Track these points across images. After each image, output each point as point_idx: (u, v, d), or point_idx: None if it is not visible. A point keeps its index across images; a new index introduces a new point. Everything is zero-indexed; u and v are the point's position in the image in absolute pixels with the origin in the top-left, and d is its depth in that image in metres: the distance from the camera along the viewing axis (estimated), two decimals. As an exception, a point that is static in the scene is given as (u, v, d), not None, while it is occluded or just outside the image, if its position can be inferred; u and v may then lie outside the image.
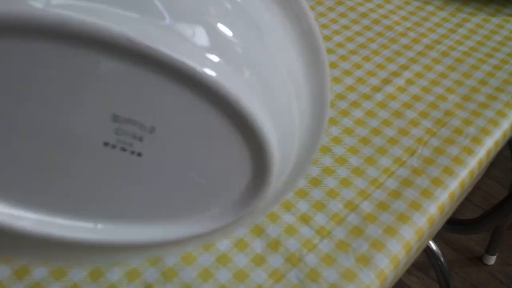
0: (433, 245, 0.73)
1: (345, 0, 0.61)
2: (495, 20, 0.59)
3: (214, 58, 0.19)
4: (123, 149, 0.20)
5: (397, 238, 0.36)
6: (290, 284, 0.33)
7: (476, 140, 0.44)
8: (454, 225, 0.71)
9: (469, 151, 0.43)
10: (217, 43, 0.19)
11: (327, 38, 0.55)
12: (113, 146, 0.20)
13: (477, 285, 1.08)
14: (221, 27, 0.20)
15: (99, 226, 0.23)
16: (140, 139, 0.20)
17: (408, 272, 1.11)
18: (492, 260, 1.13)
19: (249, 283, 0.33)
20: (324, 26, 0.57)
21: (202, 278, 0.33)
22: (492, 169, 1.30)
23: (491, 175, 1.28)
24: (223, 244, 0.35)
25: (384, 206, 0.38)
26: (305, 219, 0.37)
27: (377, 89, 0.49)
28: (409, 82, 0.50)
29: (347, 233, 0.36)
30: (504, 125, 0.46)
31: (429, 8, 0.61)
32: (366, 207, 0.38)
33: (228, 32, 0.20)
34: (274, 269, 0.34)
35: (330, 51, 0.53)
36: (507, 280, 1.10)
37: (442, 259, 0.74)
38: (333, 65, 0.51)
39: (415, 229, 0.37)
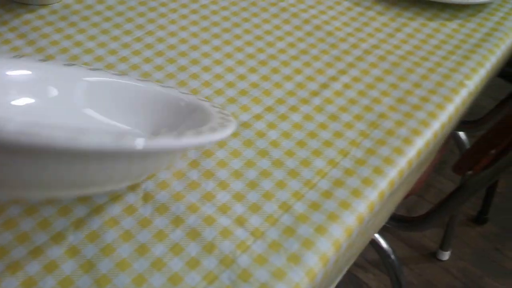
0: (383, 243, 0.75)
1: (289, 7, 0.63)
2: (433, 25, 0.62)
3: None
4: None
5: (327, 236, 0.37)
6: (222, 285, 0.34)
7: (407, 141, 0.46)
8: (402, 222, 0.73)
9: (400, 151, 0.45)
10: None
11: (270, 44, 0.56)
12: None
13: (432, 281, 1.12)
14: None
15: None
16: None
17: (365, 269, 1.13)
18: (446, 255, 1.16)
19: (183, 286, 0.34)
20: (267, 33, 0.58)
21: (136, 284, 0.34)
22: (445, 167, 1.34)
23: (445, 173, 1.32)
24: (159, 249, 0.36)
25: (316, 206, 0.39)
26: (240, 221, 0.38)
27: (315, 93, 0.50)
28: (346, 86, 0.52)
29: (280, 233, 0.38)
30: (435, 126, 0.48)
31: (370, 13, 0.63)
32: (299, 207, 0.39)
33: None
34: (208, 271, 0.35)
35: (272, 57, 0.55)
36: (461, 274, 1.13)
37: (392, 256, 0.77)
38: (275, 71, 0.53)
39: (344, 227, 0.38)
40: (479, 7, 0.65)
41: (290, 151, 0.44)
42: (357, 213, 0.39)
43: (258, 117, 0.47)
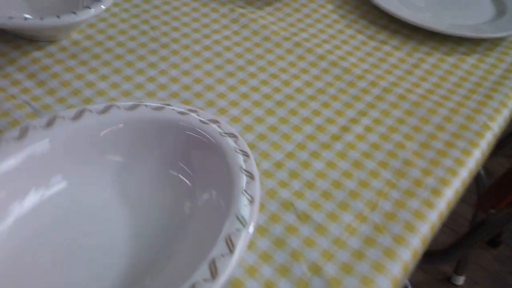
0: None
1: (303, 41, 0.61)
2: (451, 60, 0.60)
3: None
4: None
5: (361, 303, 0.36)
6: None
7: (436, 192, 0.44)
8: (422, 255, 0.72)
9: (429, 204, 0.43)
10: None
11: (286, 83, 0.55)
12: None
13: (445, 306, 1.10)
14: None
15: None
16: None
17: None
18: (460, 280, 1.14)
19: None
20: (282, 70, 0.56)
21: None
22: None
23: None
24: None
25: (348, 268, 0.38)
26: (269, 286, 0.37)
27: (336, 137, 0.49)
28: (368, 129, 0.50)
29: (311, 298, 0.36)
30: (463, 174, 0.46)
31: (386, 48, 0.61)
32: (330, 269, 0.38)
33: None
34: None
35: (289, 97, 0.53)
36: (473, 299, 1.12)
37: (407, 281, 0.75)
38: (292, 112, 0.51)
39: (378, 291, 0.36)
40: (496, 40, 0.64)
41: (314, 202, 0.43)
42: (392, 276, 0.37)
43: (278, 164, 0.46)
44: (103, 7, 0.50)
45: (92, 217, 0.38)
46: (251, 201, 0.35)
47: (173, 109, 0.41)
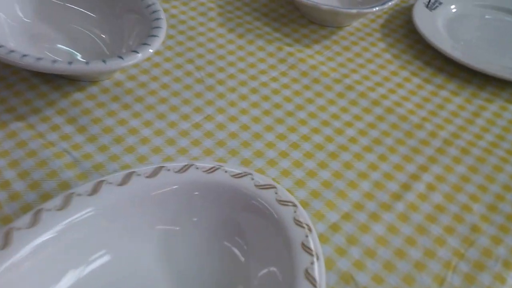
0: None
1: (355, 84, 0.58)
2: (513, 107, 0.56)
3: None
4: None
5: None
6: None
7: (508, 264, 0.40)
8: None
9: (502, 279, 0.39)
10: None
11: (339, 132, 0.51)
12: None
13: None
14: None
15: None
16: None
17: None
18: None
19: None
20: (335, 117, 0.53)
21: None
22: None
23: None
24: None
25: None
26: None
27: (397, 196, 0.45)
28: (430, 187, 0.46)
29: None
30: (537, 244, 0.42)
31: (444, 93, 0.58)
32: None
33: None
34: None
35: (343, 148, 0.50)
36: None
37: None
38: (347, 166, 0.48)
39: None
40: None
41: (377, 276, 0.39)
42: None
43: (335, 228, 0.42)
44: (151, 51, 0.48)
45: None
46: (315, 286, 0.31)
47: (226, 171, 0.38)
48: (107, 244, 0.35)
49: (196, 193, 0.37)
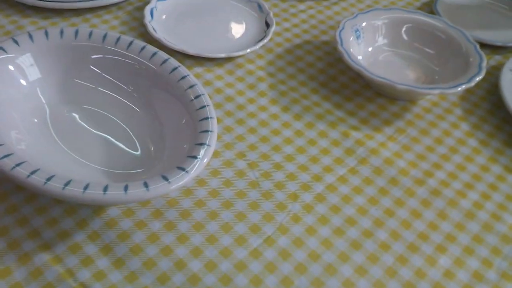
0: None
1: (441, 187, 0.48)
2: None
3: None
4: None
5: None
6: None
7: None
8: None
9: None
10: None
11: (430, 261, 0.41)
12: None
13: None
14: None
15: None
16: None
17: None
18: None
19: None
20: (422, 237, 0.43)
21: None
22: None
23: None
24: None
25: None
26: None
27: None
28: None
29: None
30: None
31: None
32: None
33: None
34: None
35: (438, 286, 0.40)
36: None
37: None
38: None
39: None
40: None
41: None
42: None
43: None
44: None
45: None
46: None
47: None
48: None
49: None
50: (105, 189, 0.35)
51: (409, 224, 0.44)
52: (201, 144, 0.41)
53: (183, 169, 0.38)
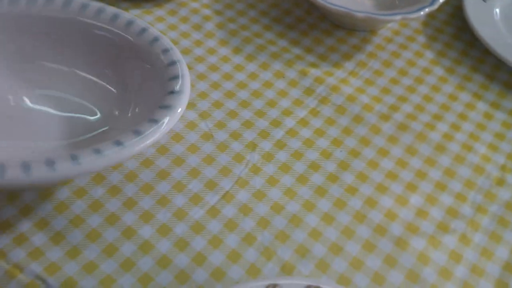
0: None
1: (409, 121, 0.44)
2: None
3: None
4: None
5: None
6: None
7: None
8: None
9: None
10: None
11: (401, 202, 0.39)
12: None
13: None
14: None
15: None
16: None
17: None
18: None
19: None
20: (391, 176, 0.40)
21: None
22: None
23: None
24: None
25: None
26: None
27: None
28: None
29: None
30: None
31: (521, 124, 0.45)
32: None
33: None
34: None
35: (412, 229, 0.37)
36: None
37: None
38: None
39: None
40: None
41: None
42: None
43: None
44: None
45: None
46: None
47: None
48: None
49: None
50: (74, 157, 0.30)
51: (376, 164, 0.41)
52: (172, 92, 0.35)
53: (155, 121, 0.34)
